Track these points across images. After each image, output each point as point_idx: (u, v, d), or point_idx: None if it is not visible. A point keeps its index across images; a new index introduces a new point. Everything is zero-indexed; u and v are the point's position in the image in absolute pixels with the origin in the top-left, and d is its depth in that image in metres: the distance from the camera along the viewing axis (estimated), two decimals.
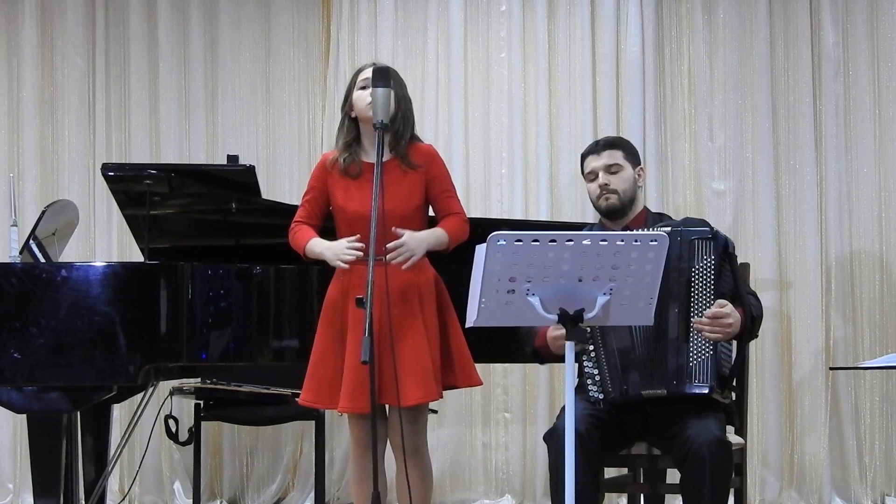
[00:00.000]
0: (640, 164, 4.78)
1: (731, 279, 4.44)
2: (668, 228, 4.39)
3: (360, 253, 4.40)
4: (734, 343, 4.48)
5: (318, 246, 4.53)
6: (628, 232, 4.42)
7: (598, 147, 4.77)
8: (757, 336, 4.61)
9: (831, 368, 6.47)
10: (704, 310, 4.35)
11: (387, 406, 4.54)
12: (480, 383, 4.71)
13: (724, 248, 4.41)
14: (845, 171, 6.61)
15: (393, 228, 4.41)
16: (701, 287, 4.36)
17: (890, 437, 6.55)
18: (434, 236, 4.53)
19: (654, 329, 4.34)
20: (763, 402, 6.52)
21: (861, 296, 6.59)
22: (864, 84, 6.62)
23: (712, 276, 4.36)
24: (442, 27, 6.82)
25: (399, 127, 4.55)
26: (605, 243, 3.68)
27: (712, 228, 4.45)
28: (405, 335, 4.45)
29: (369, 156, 4.56)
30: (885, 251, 6.58)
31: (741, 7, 6.68)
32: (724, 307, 4.34)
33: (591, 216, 6.49)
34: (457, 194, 4.69)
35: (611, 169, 4.68)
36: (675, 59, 6.74)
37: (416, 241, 4.46)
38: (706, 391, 4.34)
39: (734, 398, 4.63)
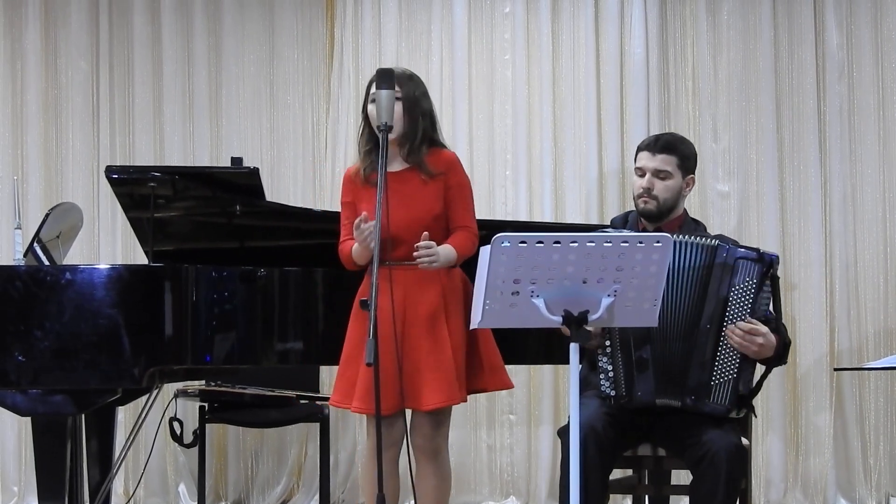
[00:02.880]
0: (692, 174, 4.70)
1: (770, 302, 4.38)
2: (715, 243, 4.36)
3: (368, 224, 4.38)
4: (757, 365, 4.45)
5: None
6: (632, 233, 4.41)
7: (655, 146, 4.66)
8: (785, 363, 4.58)
9: (836, 369, 6.47)
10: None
11: (408, 410, 4.55)
12: (511, 386, 4.74)
13: (767, 269, 4.34)
14: (849, 173, 6.61)
15: (425, 234, 4.40)
16: (737, 308, 4.31)
17: (895, 438, 6.55)
18: (448, 253, 4.50)
19: (677, 337, 4.33)
20: (767, 403, 6.51)
21: (865, 297, 6.59)
22: (868, 85, 6.63)
23: (750, 298, 4.31)
24: (446, 29, 6.82)
25: (413, 136, 4.55)
26: (609, 245, 3.68)
27: (758, 250, 4.39)
28: (428, 338, 4.45)
29: (389, 165, 4.55)
30: (889, 252, 6.58)
31: (745, 9, 6.68)
32: (760, 326, 4.30)
33: (596, 217, 6.52)
34: (473, 207, 4.66)
35: (659, 174, 4.61)
36: (678, 61, 6.74)
37: (442, 253, 4.46)
38: (722, 412, 4.33)
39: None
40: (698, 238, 4.38)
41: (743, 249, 4.38)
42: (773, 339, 4.35)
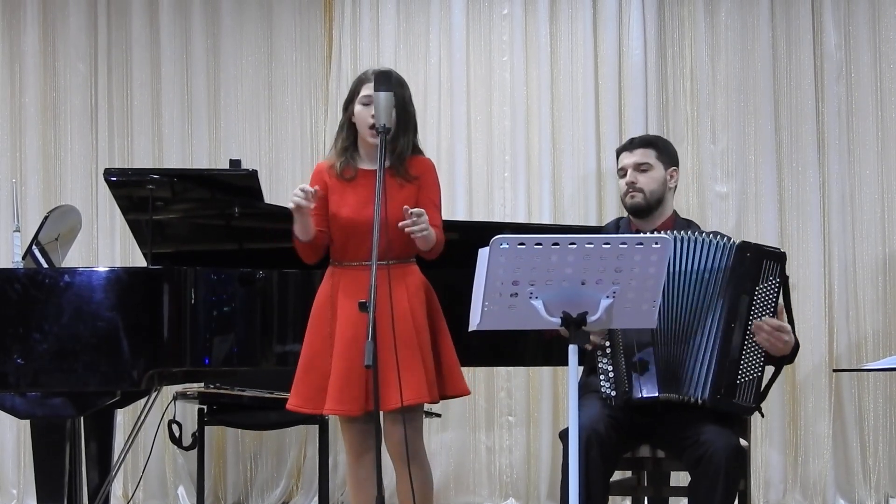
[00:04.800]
0: (675, 166, 4.74)
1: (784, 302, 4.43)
2: (740, 242, 4.37)
3: (304, 193, 4.36)
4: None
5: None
6: (630, 235, 4.41)
7: (632, 144, 4.76)
8: (792, 362, 4.59)
9: (835, 370, 6.47)
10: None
11: (381, 412, 4.53)
12: (468, 392, 4.69)
13: (784, 268, 4.40)
14: (848, 173, 6.61)
15: (405, 208, 4.35)
16: (761, 307, 4.34)
17: (894, 439, 6.55)
18: (434, 235, 4.48)
19: (687, 334, 4.34)
20: (766, 403, 6.46)
21: (864, 297, 6.59)
22: (867, 86, 6.63)
23: (774, 298, 4.35)
24: (444, 31, 6.82)
25: (402, 138, 4.54)
26: (608, 246, 3.68)
27: (778, 249, 4.44)
28: (396, 336, 4.43)
29: (364, 163, 4.57)
30: (887, 253, 6.58)
31: (743, 9, 6.68)
32: (786, 324, 4.34)
33: (594, 219, 6.52)
34: (441, 209, 4.65)
35: (640, 167, 4.68)
36: (677, 62, 6.74)
37: (428, 229, 4.41)
38: (746, 410, 4.37)
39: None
40: (720, 237, 4.40)
41: (767, 249, 4.41)
42: (793, 338, 4.38)
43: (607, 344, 4.37)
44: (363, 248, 4.42)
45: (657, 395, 4.34)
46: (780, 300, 4.43)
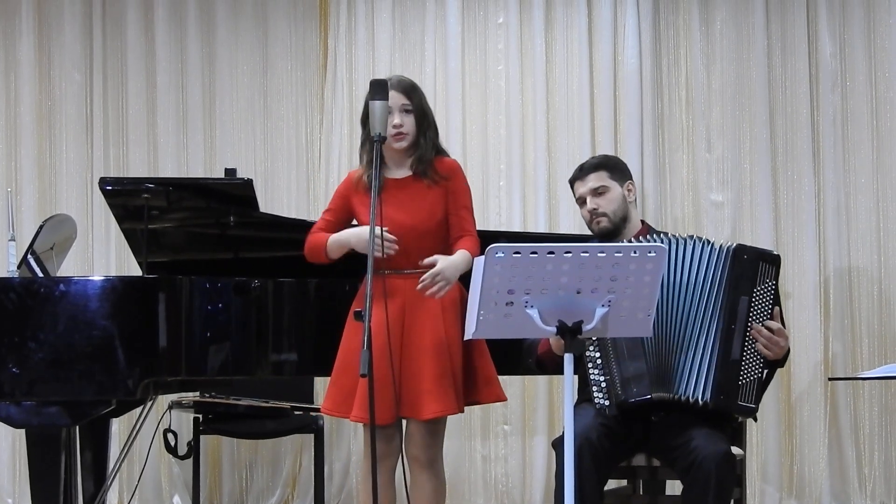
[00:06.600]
0: (629, 180, 4.77)
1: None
2: (736, 245, 4.40)
3: (396, 246, 4.40)
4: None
5: (342, 235, 4.53)
6: (626, 244, 4.41)
7: (582, 172, 4.78)
8: (783, 366, 4.61)
9: (830, 379, 6.47)
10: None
11: (403, 420, 4.55)
12: (505, 398, 4.72)
13: (778, 270, 4.44)
14: (843, 182, 6.62)
15: (423, 261, 4.41)
16: (759, 309, 4.37)
17: (889, 447, 6.55)
18: (464, 260, 4.46)
19: (678, 336, 4.35)
20: (762, 412, 6.48)
21: (859, 306, 6.59)
22: (862, 95, 6.63)
23: (770, 301, 4.38)
24: (439, 40, 6.82)
25: (424, 145, 4.56)
26: (604, 255, 3.68)
27: (771, 251, 4.49)
28: (427, 347, 4.45)
29: (392, 172, 4.58)
30: (883, 261, 6.58)
31: (738, 18, 6.69)
32: (783, 329, 4.39)
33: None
34: (473, 212, 4.67)
35: (597, 191, 4.71)
36: (672, 71, 6.75)
37: (451, 269, 4.43)
38: (748, 411, 4.37)
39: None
40: (716, 240, 4.44)
41: (763, 252, 4.45)
42: (787, 344, 4.42)
43: (598, 354, 4.38)
44: (396, 256, 4.43)
45: (649, 395, 4.34)
46: (777, 305, 4.45)
